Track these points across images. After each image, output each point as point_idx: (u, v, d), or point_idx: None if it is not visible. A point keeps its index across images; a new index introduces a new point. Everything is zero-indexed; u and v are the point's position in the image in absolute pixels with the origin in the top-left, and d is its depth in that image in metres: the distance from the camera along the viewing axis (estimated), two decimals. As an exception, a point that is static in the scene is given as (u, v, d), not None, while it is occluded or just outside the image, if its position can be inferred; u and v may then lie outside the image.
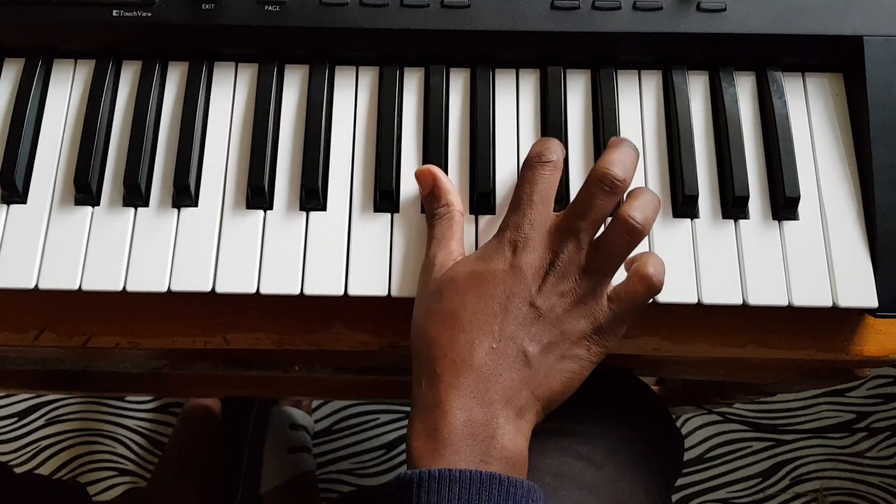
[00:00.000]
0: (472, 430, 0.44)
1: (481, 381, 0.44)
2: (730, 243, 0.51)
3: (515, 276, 0.46)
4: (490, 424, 0.44)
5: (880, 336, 0.54)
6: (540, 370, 0.45)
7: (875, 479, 1.27)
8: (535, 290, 0.46)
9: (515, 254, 0.46)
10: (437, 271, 0.48)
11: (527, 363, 0.45)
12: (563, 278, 0.46)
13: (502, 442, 0.44)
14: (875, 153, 0.51)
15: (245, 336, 0.54)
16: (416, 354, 0.48)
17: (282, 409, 1.18)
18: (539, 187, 0.48)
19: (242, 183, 0.52)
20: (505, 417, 0.44)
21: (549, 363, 0.46)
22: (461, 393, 0.44)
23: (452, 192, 0.50)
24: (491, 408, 0.44)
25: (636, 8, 0.52)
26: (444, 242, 0.49)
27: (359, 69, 0.55)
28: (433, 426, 0.44)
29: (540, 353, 0.45)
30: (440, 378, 0.45)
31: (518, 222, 0.47)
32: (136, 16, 0.52)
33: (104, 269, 0.50)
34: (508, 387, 0.45)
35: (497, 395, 0.44)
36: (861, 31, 0.52)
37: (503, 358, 0.45)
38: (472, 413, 0.44)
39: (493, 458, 0.43)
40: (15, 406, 1.28)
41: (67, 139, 0.53)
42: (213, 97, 0.54)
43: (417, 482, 0.42)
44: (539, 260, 0.46)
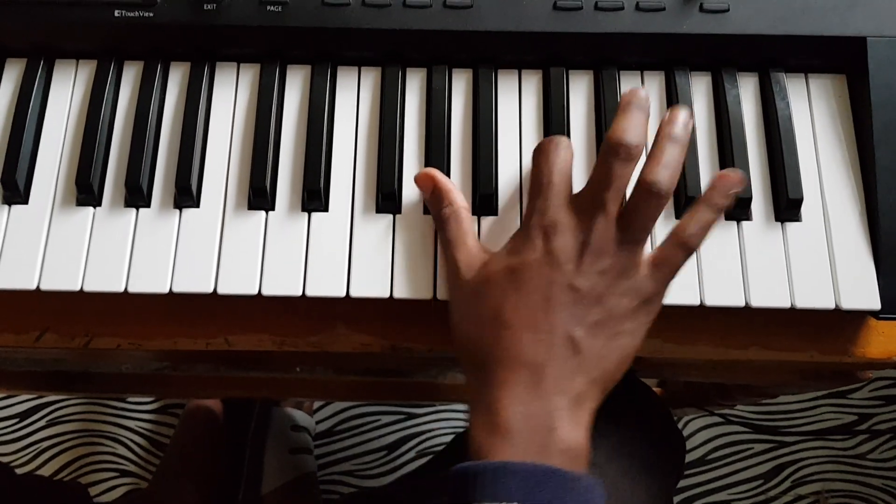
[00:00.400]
0: (531, 424, 0.43)
1: (534, 374, 0.44)
2: (732, 245, 0.51)
3: (551, 263, 0.45)
4: (549, 417, 0.43)
5: (883, 338, 0.53)
6: (592, 353, 0.45)
7: (877, 481, 1.27)
8: (573, 273, 0.45)
9: (546, 240, 0.46)
10: (467, 272, 0.48)
11: (577, 349, 0.44)
12: (599, 255, 0.45)
13: (561, 434, 0.43)
14: (878, 154, 0.51)
15: (247, 337, 0.54)
16: (463, 359, 0.48)
17: (283, 411, 1.18)
18: (556, 167, 0.47)
19: (244, 184, 0.52)
20: (562, 408, 0.44)
21: (600, 344, 0.45)
22: (515, 388, 0.44)
23: (453, 190, 0.50)
24: (549, 400, 0.44)
25: (639, 9, 0.52)
26: (461, 242, 0.48)
27: (361, 70, 0.55)
28: (492, 421, 0.43)
29: (588, 335, 0.45)
30: (492, 376, 0.45)
31: (542, 207, 0.47)
32: (137, 16, 0.52)
33: (106, 270, 0.50)
34: (562, 376, 0.44)
35: (551, 385, 0.44)
36: (864, 32, 0.52)
37: (552, 348, 0.44)
38: (528, 406, 0.43)
39: (553, 451, 0.43)
40: (16, 407, 1.28)
41: (69, 139, 0.53)
42: (215, 98, 0.54)
43: (474, 473, 0.42)
44: (572, 241, 0.46)
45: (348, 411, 1.28)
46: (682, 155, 0.46)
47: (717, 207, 0.46)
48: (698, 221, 0.46)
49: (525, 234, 0.47)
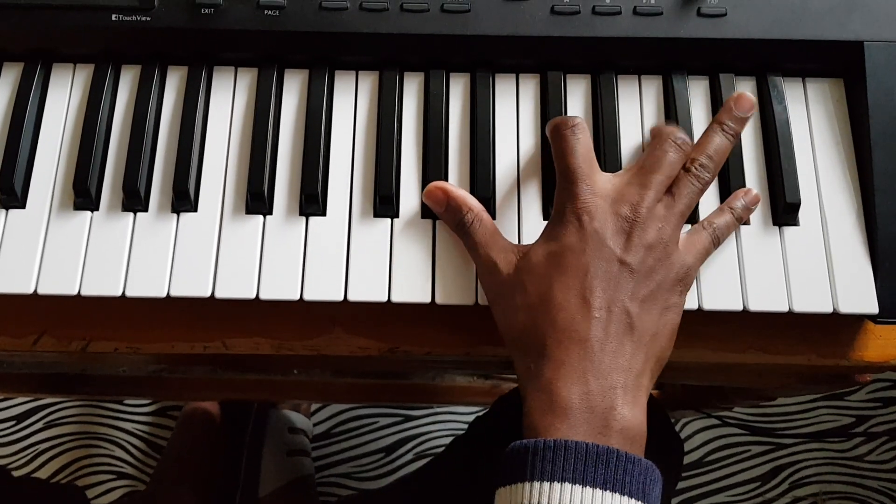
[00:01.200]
0: (590, 403, 0.43)
1: (593, 353, 0.44)
2: (730, 249, 0.51)
3: (595, 242, 0.45)
4: (607, 395, 0.43)
5: (880, 342, 0.53)
6: (646, 328, 0.45)
7: (874, 482, 1.27)
8: (620, 249, 0.46)
9: (584, 223, 0.46)
10: (506, 267, 0.48)
11: (631, 325, 0.45)
12: (645, 230, 0.46)
13: (622, 412, 0.43)
14: (875, 158, 0.51)
15: (244, 341, 0.54)
16: (516, 351, 0.47)
17: (280, 413, 1.18)
18: (580, 151, 0.48)
19: (242, 188, 0.52)
20: (623, 387, 0.43)
21: (653, 319, 0.45)
22: (574, 368, 0.43)
23: (468, 196, 0.50)
24: (607, 377, 0.43)
25: (636, 13, 0.52)
26: (492, 243, 0.48)
27: (358, 74, 0.55)
28: (548, 402, 0.43)
29: (642, 310, 0.45)
30: (549, 357, 0.44)
31: (575, 192, 0.47)
32: (135, 20, 0.52)
33: (103, 275, 0.50)
34: (620, 353, 0.44)
35: (612, 363, 0.44)
36: (862, 36, 0.52)
37: (609, 325, 0.44)
38: (587, 385, 0.43)
39: (613, 430, 0.42)
40: (13, 409, 1.28)
41: (66, 144, 0.53)
42: (213, 102, 0.54)
43: (533, 451, 0.41)
44: (614, 218, 0.46)
45: (346, 413, 1.28)
46: (730, 146, 0.50)
47: (738, 216, 0.50)
48: (724, 221, 0.49)
49: (561, 221, 0.47)
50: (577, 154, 0.48)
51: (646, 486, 0.42)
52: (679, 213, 0.47)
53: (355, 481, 1.25)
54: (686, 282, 0.47)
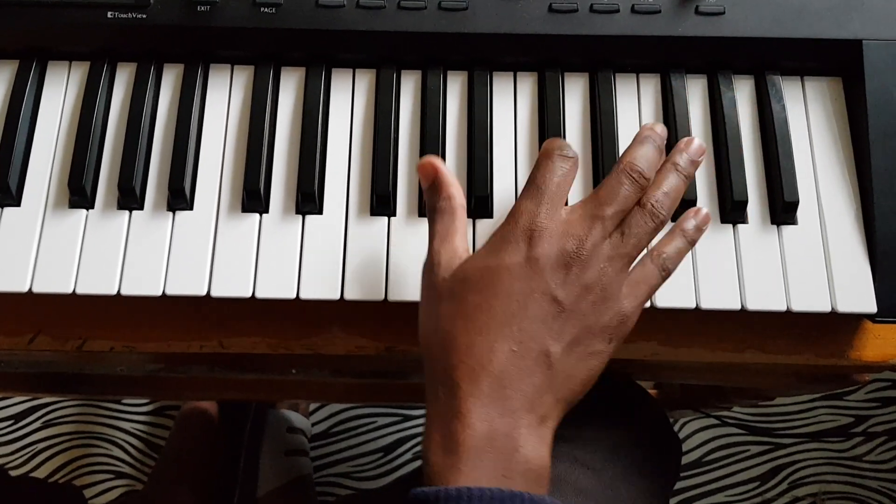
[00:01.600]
0: (494, 443, 0.41)
1: (502, 388, 0.42)
2: (728, 248, 0.51)
3: (533, 270, 0.43)
4: (512, 435, 0.41)
5: (879, 341, 0.53)
6: (562, 371, 0.43)
7: (873, 482, 1.27)
8: (556, 284, 0.43)
9: (531, 245, 0.44)
10: (444, 270, 0.45)
11: (549, 365, 0.43)
12: (586, 268, 0.43)
13: (525, 454, 0.41)
14: (874, 157, 0.51)
15: (241, 340, 0.53)
16: (429, 361, 0.45)
17: (279, 413, 1.18)
18: (557, 178, 0.45)
19: (238, 186, 0.52)
20: (528, 426, 0.42)
21: (571, 363, 0.43)
22: (481, 402, 0.41)
23: (454, 185, 0.48)
24: (513, 416, 0.42)
25: (634, 11, 0.52)
26: (448, 238, 0.46)
27: (355, 72, 0.54)
28: (452, 439, 0.41)
29: (563, 352, 0.43)
30: (458, 386, 0.42)
31: (533, 210, 0.44)
32: (130, 18, 0.52)
33: (99, 273, 0.49)
34: (531, 392, 0.42)
35: (519, 402, 0.42)
36: (860, 35, 0.52)
37: (525, 361, 0.42)
38: (493, 424, 0.41)
39: (516, 472, 0.41)
40: (11, 409, 1.28)
41: (62, 141, 0.53)
42: (209, 100, 0.54)
43: (433, 500, 0.40)
44: (558, 250, 0.44)
45: (344, 413, 1.28)
46: (684, 187, 0.47)
47: (690, 239, 0.47)
48: (675, 247, 0.46)
49: (508, 234, 0.45)
50: (555, 178, 0.45)
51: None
52: (626, 255, 0.44)
53: (354, 481, 1.25)
54: (619, 330, 0.45)
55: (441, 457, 0.41)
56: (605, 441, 0.60)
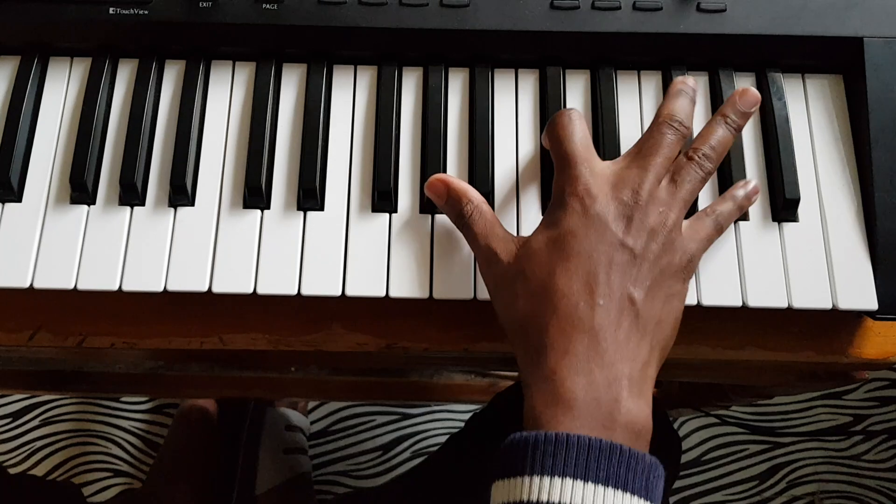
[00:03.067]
0: (595, 394, 0.41)
1: (597, 342, 0.42)
2: (729, 245, 0.51)
3: (597, 226, 0.44)
4: (613, 386, 0.41)
5: (879, 339, 0.53)
6: (651, 316, 0.44)
7: (872, 482, 1.27)
8: (622, 233, 0.44)
9: (586, 205, 0.45)
10: (507, 256, 0.46)
11: (636, 313, 0.43)
12: (647, 214, 0.45)
13: (627, 405, 0.41)
14: (875, 155, 0.51)
15: (242, 336, 0.53)
16: (517, 342, 0.46)
17: (278, 411, 1.18)
18: (579, 137, 0.47)
19: (239, 182, 0.52)
20: (629, 378, 0.42)
21: (657, 306, 0.44)
22: (578, 357, 0.42)
23: (468, 188, 0.49)
24: (612, 368, 0.42)
25: (636, 8, 0.52)
26: (491, 234, 0.48)
27: (357, 68, 0.54)
28: (552, 393, 0.42)
29: (646, 297, 0.44)
30: (552, 347, 0.43)
31: (574, 175, 0.46)
32: (132, 13, 0.52)
33: (100, 269, 0.49)
34: (625, 342, 0.43)
35: (617, 353, 0.42)
36: (861, 32, 0.52)
37: (613, 313, 0.43)
38: (592, 375, 0.42)
39: (618, 423, 0.41)
40: (9, 407, 1.28)
41: (63, 137, 0.53)
42: (211, 96, 0.54)
43: (533, 444, 0.40)
44: (615, 202, 0.45)
45: (343, 411, 1.28)
46: (732, 139, 0.49)
47: (739, 204, 0.49)
48: (727, 207, 0.48)
49: (560, 205, 0.46)
50: (575, 139, 0.47)
51: (649, 482, 0.41)
52: (682, 200, 0.46)
53: (352, 479, 1.25)
54: (689, 269, 0.46)
55: (542, 408, 0.42)
56: (605, 438, 0.60)
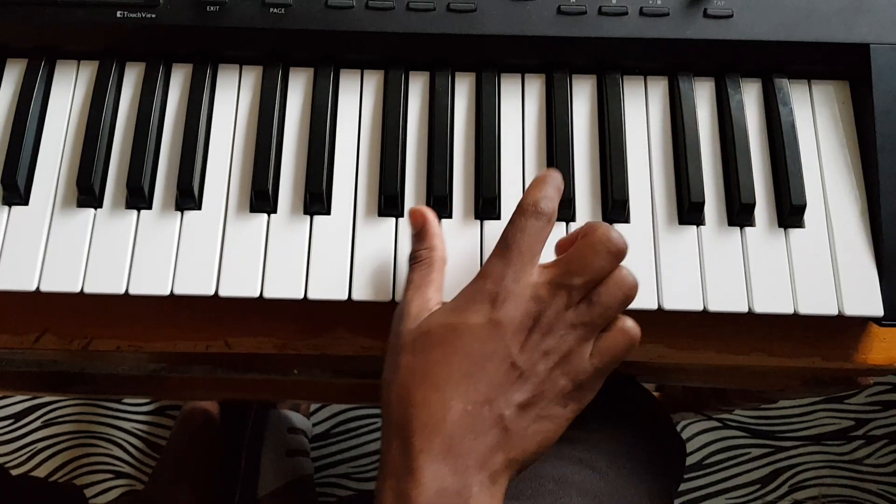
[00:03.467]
0: (444, 501, 0.41)
1: (454, 446, 0.42)
2: (736, 251, 0.51)
3: (494, 332, 0.43)
4: (462, 494, 0.41)
5: (884, 344, 0.53)
6: (516, 432, 0.43)
7: (873, 486, 1.27)
8: (516, 349, 0.43)
9: (495, 307, 0.44)
10: (412, 321, 0.46)
11: (502, 426, 0.43)
12: (547, 335, 0.43)
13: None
14: (881, 161, 0.51)
15: (247, 340, 0.53)
16: (386, 412, 0.45)
17: (280, 413, 1.18)
18: (528, 240, 0.45)
19: (246, 186, 0.52)
20: (479, 485, 0.42)
21: (524, 424, 0.43)
22: (433, 459, 0.41)
23: (438, 236, 0.48)
24: (464, 475, 0.41)
25: (643, 14, 0.52)
26: (422, 289, 0.47)
27: (364, 73, 0.55)
28: (403, 495, 0.41)
29: (517, 414, 0.43)
30: (411, 442, 0.42)
31: (500, 273, 0.44)
32: (139, 17, 0.52)
33: (106, 272, 0.49)
34: (482, 451, 0.42)
35: (471, 460, 0.42)
36: (868, 38, 0.52)
37: (478, 421, 0.42)
38: (443, 482, 0.41)
39: None
40: (11, 408, 1.28)
41: (70, 140, 0.53)
42: (217, 99, 0.54)
43: None
44: (522, 315, 0.43)
45: (345, 413, 1.28)
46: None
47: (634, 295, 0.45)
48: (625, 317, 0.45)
49: (473, 294, 0.45)
50: (526, 239, 0.45)
51: None
52: (590, 324, 0.44)
53: (354, 482, 1.25)
54: (577, 395, 0.44)
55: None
56: (609, 443, 0.60)
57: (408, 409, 0.43)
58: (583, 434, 0.60)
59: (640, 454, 0.61)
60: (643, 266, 0.50)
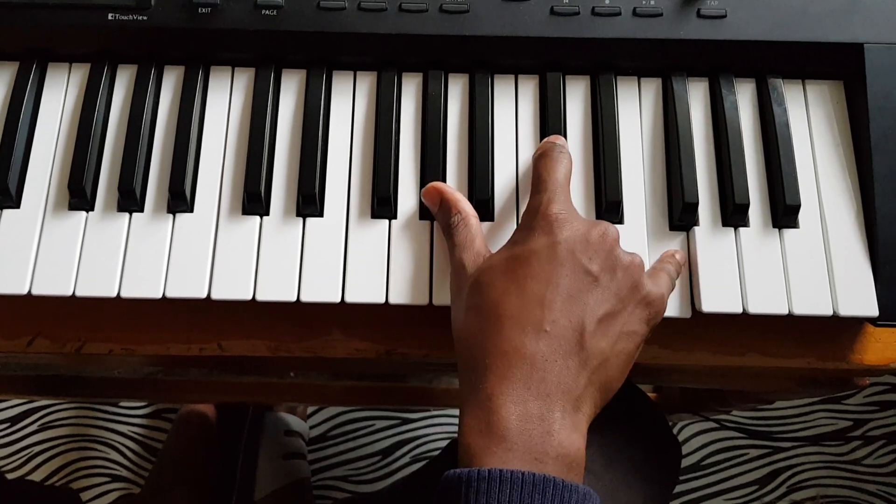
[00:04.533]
0: (527, 426, 0.41)
1: (536, 370, 0.42)
2: (730, 251, 0.51)
3: (562, 250, 0.44)
4: (546, 418, 0.41)
5: (880, 345, 0.53)
6: (596, 352, 0.43)
7: (871, 486, 1.27)
8: (586, 259, 0.44)
9: (553, 231, 0.45)
10: (470, 268, 0.46)
11: (582, 344, 0.43)
12: (613, 249, 0.45)
13: (559, 438, 0.41)
14: (875, 161, 0.51)
15: (241, 343, 0.53)
16: (462, 356, 0.45)
17: (276, 415, 1.18)
18: (562, 170, 0.48)
19: (238, 188, 0.51)
20: (562, 410, 0.42)
21: (606, 342, 0.43)
22: (514, 384, 0.42)
23: (462, 200, 0.49)
24: (547, 399, 0.41)
25: (636, 14, 0.52)
26: (468, 245, 0.47)
27: (356, 74, 0.54)
28: (486, 421, 0.41)
29: (597, 329, 0.43)
30: (491, 370, 0.42)
31: (548, 200, 0.46)
32: (131, 19, 0.52)
33: (98, 275, 0.49)
34: (565, 373, 0.42)
35: (553, 384, 0.42)
36: (861, 38, 0.52)
37: (558, 341, 0.42)
38: (527, 406, 0.41)
39: (549, 456, 0.41)
40: (7, 411, 1.27)
41: (62, 143, 0.52)
42: (210, 102, 0.54)
43: (466, 481, 0.40)
44: (584, 233, 0.45)
45: (342, 416, 1.28)
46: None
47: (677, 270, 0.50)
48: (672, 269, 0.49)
49: (529, 226, 0.46)
50: (560, 171, 0.48)
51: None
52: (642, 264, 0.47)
53: (352, 484, 1.25)
54: (653, 310, 0.45)
55: (475, 438, 0.42)
56: (604, 445, 0.60)
57: (484, 343, 0.43)
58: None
59: (635, 456, 0.61)
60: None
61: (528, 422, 0.41)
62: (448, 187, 0.50)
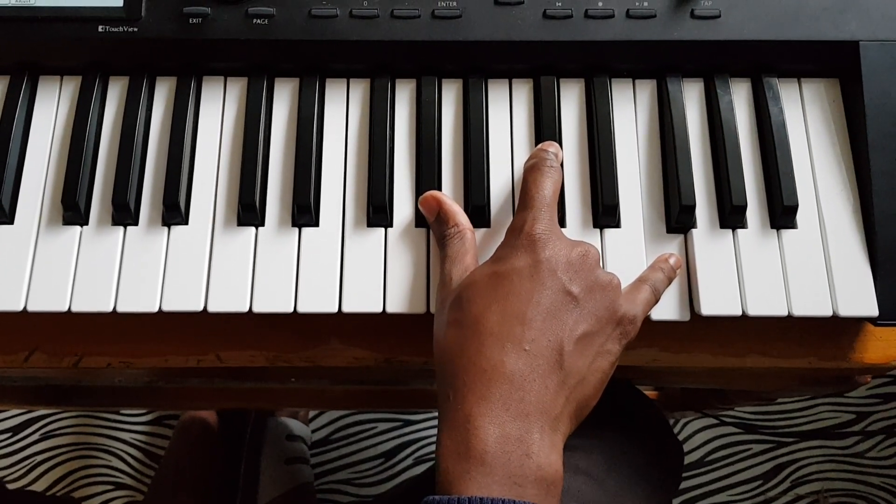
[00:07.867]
0: (506, 447, 0.41)
1: (515, 389, 0.42)
2: (728, 253, 0.50)
3: (543, 270, 0.44)
4: (525, 440, 0.41)
5: (881, 343, 0.53)
6: (574, 371, 0.43)
7: (875, 479, 1.27)
8: (567, 279, 0.44)
9: (536, 250, 0.45)
10: (455, 282, 0.46)
11: (561, 364, 0.43)
12: (595, 272, 0.45)
13: (537, 461, 0.41)
14: (873, 159, 0.50)
15: (239, 354, 0.53)
16: (440, 370, 0.45)
17: (279, 420, 1.18)
18: (550, 187, 0.47)
19: (233, 199, 0.51)
20: (540, 431, 0.41)
21: (584, 362, 0.43)
22: (493, 405, 0.41)
23: (459, 213, 0.49)
24: (526, 420, 0.41)
25: (629, 16, 0.52)
26: (459, 259, 0.47)
27: (350, 82, 0.54)
28: (464, 443, 0.41)
29: (575, 349, 0.43)
30: (470, 389, 0.42)
31: (535, 217, 0.46)
32: (122, 31, 0.51)
33: (94, 290, 0.49)
34: (544, 393, 0.42)
35: (532, 403, 0.42)
36: (857, 36, 0.52)
37: (537, 360, 0.42)
38: (505, 427, 0.41)
39: (528, 479, 0.40)
40: (8, 421, 1.27)
41: (54, 157, 0.52)
42: (202, 112, 0.53)
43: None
44: (566, 253, 0.45)
45: (344, 419, 1.28)
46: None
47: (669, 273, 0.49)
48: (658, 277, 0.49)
49: (513, 244, 0.46)
50: (549, 186, 0.47)
51: None
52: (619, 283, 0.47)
53: (355, 487, 1.24)
54: (628, 331, 0.45)
55: (453, 462, 0.41)
56: (606, 449, 0.60)
57: (462, 359, 0.43)
58: (578, 441, 0.59)
59: (637, 460, 0.61)
60: (635, 271, 0.49)
61: (507, 443, 0.41)
62: (447, 198, 0.50)
